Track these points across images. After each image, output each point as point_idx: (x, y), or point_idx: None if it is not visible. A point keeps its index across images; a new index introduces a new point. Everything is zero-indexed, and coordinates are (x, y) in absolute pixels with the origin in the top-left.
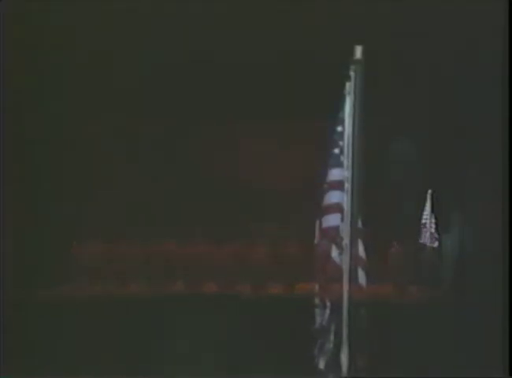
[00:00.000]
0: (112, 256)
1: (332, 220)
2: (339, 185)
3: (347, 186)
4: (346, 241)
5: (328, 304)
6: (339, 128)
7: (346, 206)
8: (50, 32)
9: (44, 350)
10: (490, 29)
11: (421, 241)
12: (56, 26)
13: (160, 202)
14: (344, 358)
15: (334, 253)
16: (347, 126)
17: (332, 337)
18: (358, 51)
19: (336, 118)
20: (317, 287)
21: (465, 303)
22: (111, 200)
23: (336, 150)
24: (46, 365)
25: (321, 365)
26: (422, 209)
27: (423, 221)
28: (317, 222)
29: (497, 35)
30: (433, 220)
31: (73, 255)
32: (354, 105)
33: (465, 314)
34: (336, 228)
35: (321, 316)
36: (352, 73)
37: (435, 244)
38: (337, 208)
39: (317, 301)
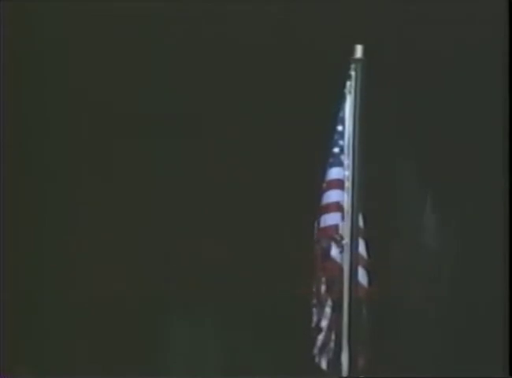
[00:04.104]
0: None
1: (331, 219)
2: (339, 184)
3: (348, 185)
4: (346, 240)
5: (329, 303)
6: (340, 127)
7: (347, 205)
8: (51, 32)
9: (45, 349)
10: (490, 29)
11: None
12: (56, 26)
13: (160, 202)
14: (344, 358)
15: (334, 252)
16: (348, 125)
17: (332, 337)
18: (359, 50)
19: (337, 117)
20: (316, 286)
21: (465, 303)
22: (112, 199)
23: (337, 149)
24: (47, 364)
25: (323, 364)
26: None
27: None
28: (317, 221)
29: (497, 35)
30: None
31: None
32: (354, 105)
33: (465, 314)
34: (336, 227)
35: (322, 316)
36: (353, 72)
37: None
38: (337, 207)
39: (317, 300)
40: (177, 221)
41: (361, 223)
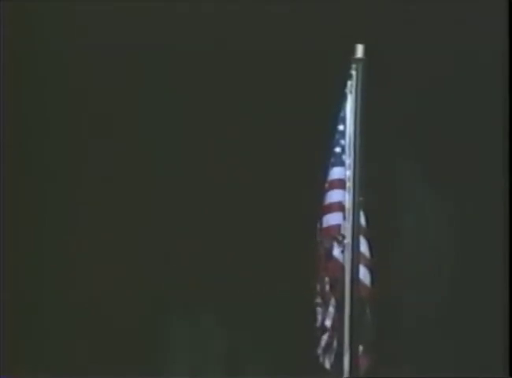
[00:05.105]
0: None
1: (334, 218)
2: (340, 184)
3: (349, 184)
4: (348, 239)
5: (332, 303)
6: (341, 127)
7: (348, 205)
8: (51, 32)
9: (45, 349)
10: (490, 29)
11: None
12: (56, 26)
13: (160, 202)
14: (346, 358)
15: (336, 251)
16: (349, 125)
17: (336, 336)
18: (360, 50)
19: (338, 117)
20: (320, 286)
21: (466, 303)
22: (112, 199)
23: (338, 149)
24: (47, 364)
25: (326, 364)
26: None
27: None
28: (320, 221)
29: (497, 35)
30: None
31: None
32: (355, 104)
33: (465, 314)
34: (339, 227)
35: (326, 316)
36: (353, 72)
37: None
38: (339, 207)
39: (321, 300)
40: (177, 221)
41: (363, 222)
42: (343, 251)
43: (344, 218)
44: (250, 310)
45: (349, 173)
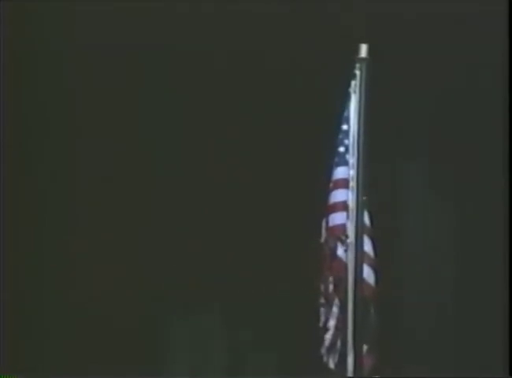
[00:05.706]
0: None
1: (338, 218)
2: (344, 183)
3: (352, 184)
4: (351, 239)
5: (336, 303)
6: (345, 127)
7: (352, 204)
8: (51, 32)
9: (45, 349)
10: (490, 29)
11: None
12: (56, 26)
13: (160, 202)
14: (350, 358)
15: (340, 251)
16: (353, 124)
17: (339, 336)
18: (364, 49)
19: (342, 116)
20: (324, 285)
21: (466, 303)
22: (112, 199)
23: (342, 149)
24: (47, 364)
25: (330, 364)
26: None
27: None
28: (323, 220)
29: (497, 35)
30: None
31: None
32: (359, 104)
33: (465, 314)
34: (343, 226)
35: (329, 315)
36: (357, 71)
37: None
38: (343, 206)
39: (325, 300)
40: (177, 221)
41: (367, 222)
42: (346, 250)
43: (348, 217)
44: (250, 310)
45: (352, 173)
